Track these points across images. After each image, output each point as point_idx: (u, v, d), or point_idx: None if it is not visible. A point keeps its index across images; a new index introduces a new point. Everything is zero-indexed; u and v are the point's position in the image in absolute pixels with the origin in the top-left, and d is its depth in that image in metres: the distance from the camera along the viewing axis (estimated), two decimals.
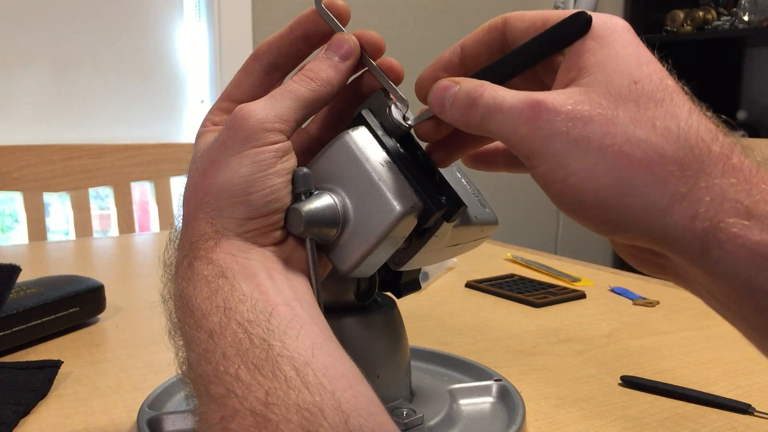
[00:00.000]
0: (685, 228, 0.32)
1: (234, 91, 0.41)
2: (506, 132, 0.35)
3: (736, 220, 0.31)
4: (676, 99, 0.33)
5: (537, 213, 2.68)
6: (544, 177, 0.34)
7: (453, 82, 0.37)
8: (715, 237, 0.31)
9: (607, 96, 0.33)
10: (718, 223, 0.31)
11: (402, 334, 0.50)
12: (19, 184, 1.37)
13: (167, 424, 0.48)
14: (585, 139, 0.33)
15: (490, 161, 0.45)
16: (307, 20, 0.40)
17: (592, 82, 0.34)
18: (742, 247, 0.31)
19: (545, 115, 0.33)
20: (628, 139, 0.32)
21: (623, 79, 0.33)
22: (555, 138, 0.33)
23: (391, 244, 0.38)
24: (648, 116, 0.33)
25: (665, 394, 0.57)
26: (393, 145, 0.40)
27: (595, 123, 0.33)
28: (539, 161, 0.34)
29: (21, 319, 0.66)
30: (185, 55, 2.08)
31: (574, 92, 0.34)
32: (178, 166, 1.50)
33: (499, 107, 0.35)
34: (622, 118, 0.33)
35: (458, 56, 0.40)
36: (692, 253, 0.32)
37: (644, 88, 0.33)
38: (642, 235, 0.33)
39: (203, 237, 0.36)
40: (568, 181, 0.33)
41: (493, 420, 0.50)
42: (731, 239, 0.31)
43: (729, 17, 2.58)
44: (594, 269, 1.02)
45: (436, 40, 2.39)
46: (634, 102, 0.33)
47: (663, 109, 0.33)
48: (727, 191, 0.31)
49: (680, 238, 0.32)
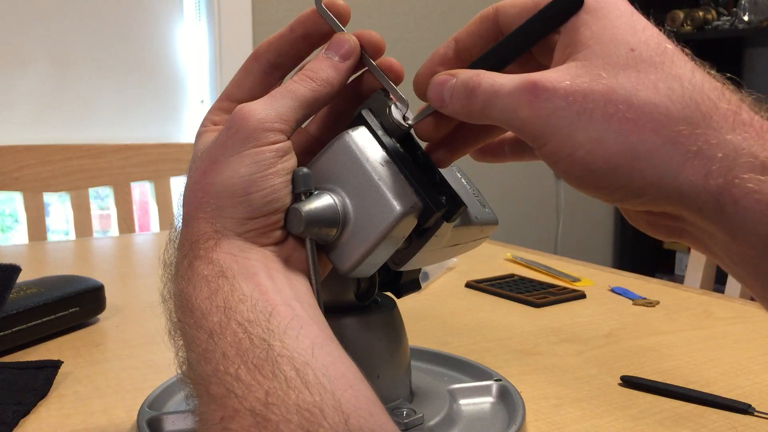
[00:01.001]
0: (699, 186, 0.31)
1: (234, 90, 0.41)
2: (508, 117, 0.35)
3: (751, 176, 0.30)
4: (677, 60, 0.33)
5: (537, 213, 2.68)
6: (552, 155, 0.34)
7: (450, 75, 0.37)
8: (731, 193, 0.31)
9: (605, 66, 0.33)
10: (732, 179, 0.31)
11: (402, 334, 0.50)
12: (19, 184, 1.37)
13: (167, 424, 0.48)
14: (587, 111, 0.32)
15: (497, 152, 0.44)
16: (308, 20, 0.40)
17: (589, 54, 0.34)
18: (758, 202, 0.30)
19: (544, 94, 0.33)
20: (631, 105, 0.32)
21: (620, 48, 0.33)
22: (557, 115, 0.33)
23: (391, 244, 0.38)
24: (650, 80, 0.32)
25: (665, 394, 0.57)
26: (393, 145, 0.40)
27: (596, 94, 0.32)
28: (545, 140, 0.34)
29: (21, 319, 0.66)
30: (185, 55, 2.08)
31: (570, 67, 0.34)
32: (178, 166, 1.50)
33: (497, 93, 0.35)
34: (624, 84, 0.32)
35: (453, 50, 0.40)
36: (708, 212, 0.32)
37: (642, 53, 0.33)
38: (656, 198, 0.33)
39: (203, 237, 0.36)
40: (576, 154, 0.33)
41: (493, 420, 0.50)
42: (747, 195, 0.30)
43: (729, 17, 2.58)
44: (594, 269, 1.02)
45: (435, 40, 2.39)
46: (633, 68, 0.33)
47: (664, 71, 0.33)
48: (740, 146, 0.31)
49: (695, 197, 0.31)
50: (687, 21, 2.63)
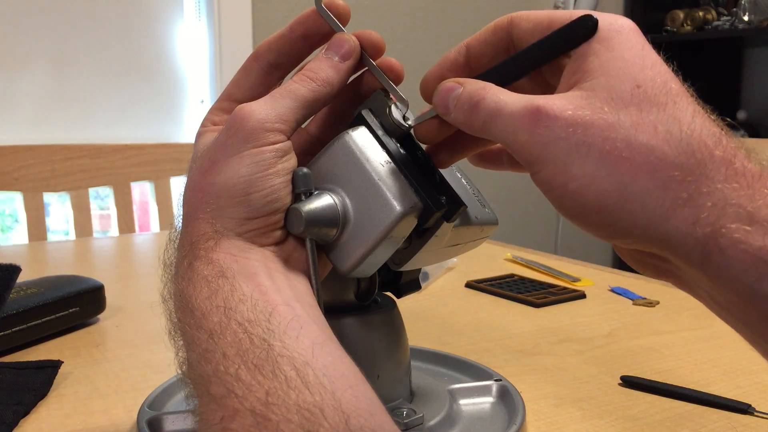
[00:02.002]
0: (686, 233, 0.31)
1: (234, 90, 0.41)
2: (507, 137, 0.35)
3: (738, 226, 0.31)
4: (680, 102, 0.33)
5: (537, 213, 2.68)
6: (545, 182, 0.34)
7: (457, 83, 0.37)
8: (717, 242, 0.31)
9: (608, 101, 0.33)
10: (719, 228, 0.31)
11: (402, 334, 0.50)
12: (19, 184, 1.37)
13: (167, 424, 0.48)
14: (585, 144, 0.32)
15: (495, 160, 0.45)
16: (308, 20, 0.40)
17: (595, 86, 0.34)
18: (744, 252, 0.30)
19: (545, 122, 0.33)
20: (629, 144, 0.32)
21: (626, 83, 0.33)
22: (555, 144, 0.33)
23: (391, 244, 0.38)
24: (650, 120, 0.32)
25: (665, 394, 0.57)
26: (393, 145, 0.40)
27: (596, 128, 0.33)
28: (540, 167, 0.34)
29: (21, 319, 0.66)
30: (185, 55, 2.08)
31: (575, 97, 0.34)
32: (178, 166, 1.50)
33: (499, 112, 0.35)
34: (624, 122, 0.32)
35: (464, 56, 0.40)
36: (694, 258, 0.32)
37: (647, 92, 0.33)
38: (643, 240, 0.33)
39: (203, 237, 0.36)
40: (569, 186, 0.33)
41: (493, 420, 0.50)
42: (733, 245, 0.31)
43: (729, 17, 2.58)
44: (594, 269, 1.02)
45: (436, 40, 2.39)
46: (636, 106, 0.33)
47: (665, 113, 0.33)
48: (730, 196, 0.31)
49: (682, 244, 0.32)
50: (687, 21, 2.63)
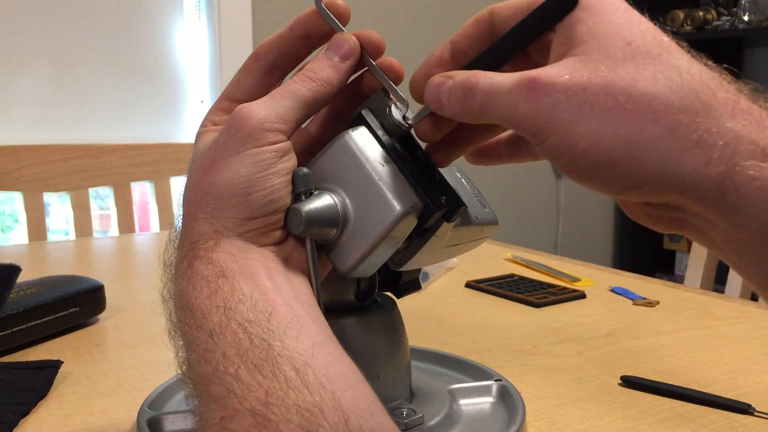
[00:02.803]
0: (700, 174, 0.31)
1: (234, 90, 0.41)
2: (507, 114, 0.35)
3: (753, 162, 0.30)
4: (674, 51, 0.33)
5: (537, 213, 2.68)
6: (553, 149, 0.34)
7: (446, 76, 0.37)
8: (732, 180, 0.31)
9: (603, 60, 0.33)
10: (733, 166, 0.31)
11: (402, 334, 0.50)
12: (19, 184, 1.37)
13: (167, 424, 0.48)
14: (587, 103, 0.32)
15: (493, 154, 0.45)
16: (308, 20, 0.40)
17: (587, 49, 0.34)
18: (759, 189, 0.30)
19: (543, 89, 0.33)
20: (631, 96, 0.32)
21: (617, 41, 0.33)
22: (557, 109, 0.33)
23: (391, 244, 0.38)
24: (648, 71, 0.32)
25: (665, 394, 0.57)
26: (393, 145, 0.40)
27: (595, 86, 0.33)
28: (546, 135, 0.34)
29: (21, 319, 0.66)
30: (185, 55, 2.08)
31: (569, 62, 0.34)
32: (178, 166, 1.50)
33: (496, 91, 0.35)
34: (622, 76, 0.32)
35: (449, 52, 0.40)
36: (709, 200, 0.32)
37: (639, 46, 0.33)
38: (658, 188, 0.33)
39: (203, 237, 0.36)
40: (578, 147, 0.33)
41: (493, 420, 0.50)
42: (748, 182, 0.30)
43: (729, 17, 2.58)
44: (594, 269, 1.02)
45: (435, 41, 2.39)
46: (631, 60, 0.33)
47: (662, 62, 0.33)
48: (740, 133, 0.31)
49: (696, 186, 0.32)
50: (687, 21, 2.63)
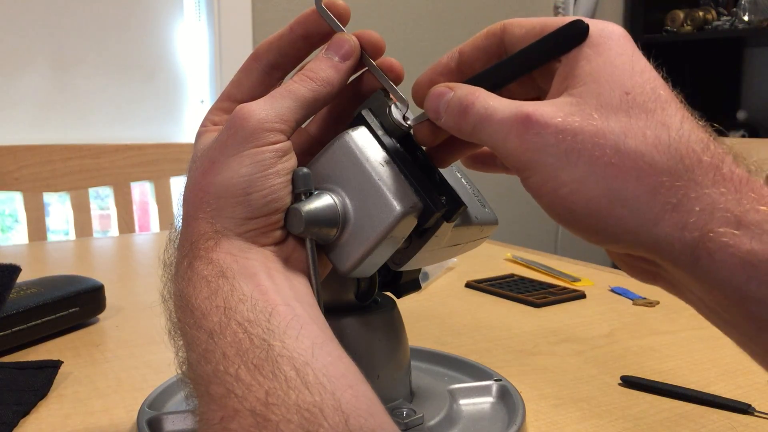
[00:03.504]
0: (675, 238, 0.32)
1: (234, 90, 0.41)
2: (497, 143, 0.35)
3: (726, 230, 0.31)
4: (668, 109, 0.34)
5: (537, 213, 2.66)
6: (536, 188, 0.34)
7: (448, 88, 0.37)
8: (705, 246, 0.31)
9: (598, 107, 0.33)
10: (707, 232, 0.31)
11: (402, 334, 0.50)
12: (19, 184, 1.37)
13: (167, 424, 0.48)
14: (575, 151, 0.33)
15: (488, 162, 0.45)
16: (308, 20, 0.40)
17: (585, 92, 0.34)
18: (732, 255, 0.31)
19: (535, 128, 0.33)
20: (618, 150, 0.32)
21: (615, 89, 0.34)
22: (545, 151, 0.33)
23: (391, 244, 0.38)
24: (639, 126, 0.33)
25: (665, 394, 0.57)
26: (393, 145, 0.40)
27: (585, 134, 0.33)
28: (530, 173, 0.34)
29: (21, 319, 0.66)
30: (185, 55, 2.08)
31: (565, 103, 0.34)
32: (178, 166, 1.50)
33: (489, 118, 0.35)
34: (613, 129, 0.33)
35: (456, 61, 0.40)
36: (683, 263, 0.32)
37: (636, 98, 0.33)
38: (633, 245, 0.33)
39: (203, 237, 0.37)
40: (559, 192, 0.33)
41: (493, 420, 0.50)
42: (721, 248, 0.31)
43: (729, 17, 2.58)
44: (594, 269, 1.02)
45: (436, 41, 2.39)
46: (625, 113, 0.33)
47: (654, 119, 0.33)
48: (718, 201, 0.31)
49: (671, 248, 0.32)
50: (687, 21, 2.63)
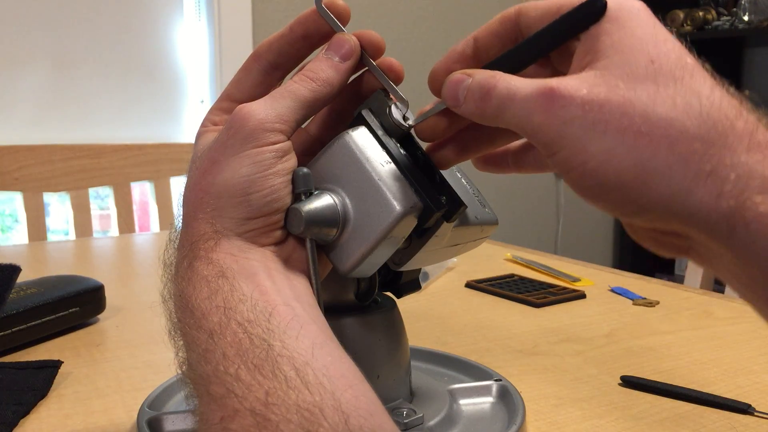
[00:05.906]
0: (710, 207, 0.31)
1: (234, 91, 0.41)
2: (522, 122, 0.34)
3: (764, 198, 0.30)
4: (697, 75, 0.33)
5: (537, 213, 2.68)
6: (564, 163, 0.33)
7: (465, 74, 0.37)
8: (742, 215, 0.30)
9: (623, 77, 0.32)
10: (744, 201, 0.30)
11: (402, 334, 0.50)
12: (19, 184, 1.37)
13: (167, 424, 0.48)
14: (602, 122, 0.32)
15: (500, 163, 0.44)
16: (308, 20, 0.40)
17: (609, 64, 0.33)
18: None
19: (560, 102, 0.33)
20: (648, 119, 0.31)
21: (640, 59, 0.33)
22: (571, 123, 0.32)
23: (391, 244, 0.38)
24: (668, 94, 0.32)
25: (665, 394, 0.57)
26: (393, 145, 0.40)
27: (612, 105, 0.32)
28: (557, 148, 0.33)
29: (21, 319, 0.66)
30: (185, 55, 2.08)
31: (589, 76, 0.33)
32: (178, 166, 1.50)
33: (512, 97, 0.34)
34: (641, 97, 0.32)
35: (471, 48, 0.40)
36: (718, 233, 0.31)
37: (662, 66, 0.32)
38: (665, 216, 0.32)
39: (203, 237, 0.36)
40: (588, 165, 0.32)
41: (493, 420, 0.50)
42: (758, 218, 0.30)
43: (729, 17, 2.58)
44: (594, 269, 1.02)
45: (436, 40, 2.39)
46: (652, 81, 0.32)
47: (683, 86, 0.32)
48: (754, 168, 0.30)
49: (705, 218, 0.31)
50: (687, 21, 2.63)
